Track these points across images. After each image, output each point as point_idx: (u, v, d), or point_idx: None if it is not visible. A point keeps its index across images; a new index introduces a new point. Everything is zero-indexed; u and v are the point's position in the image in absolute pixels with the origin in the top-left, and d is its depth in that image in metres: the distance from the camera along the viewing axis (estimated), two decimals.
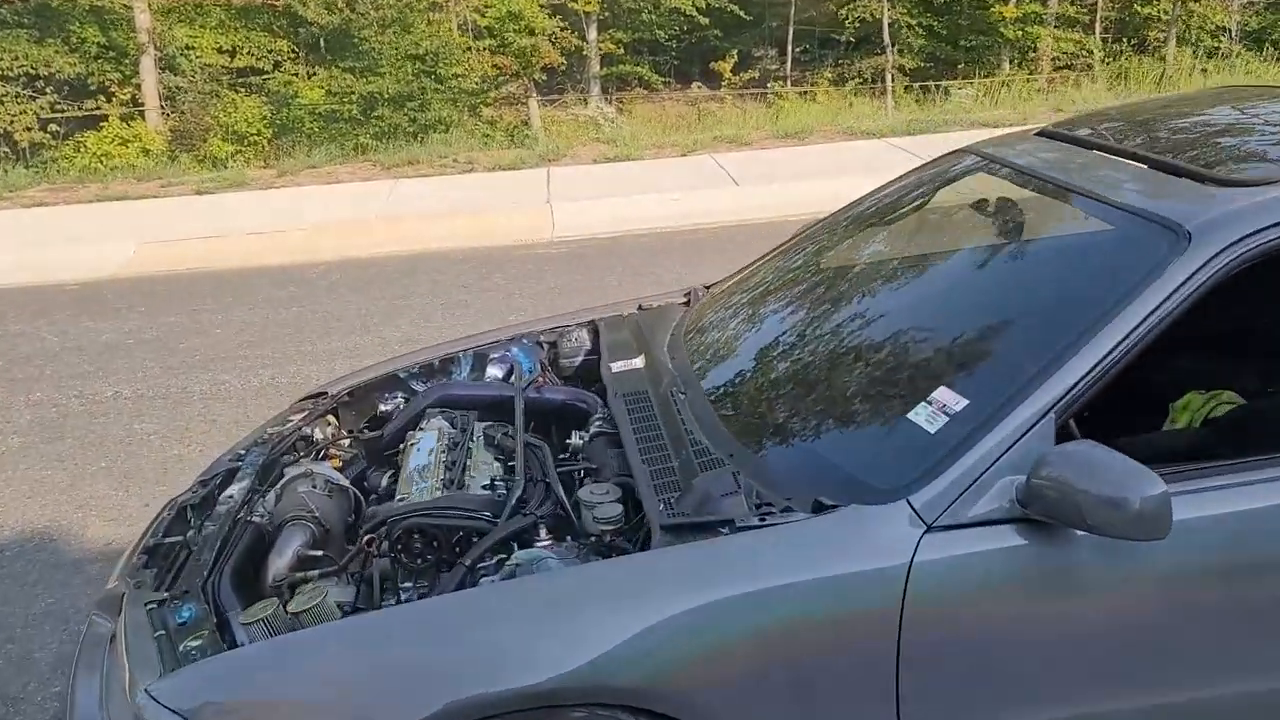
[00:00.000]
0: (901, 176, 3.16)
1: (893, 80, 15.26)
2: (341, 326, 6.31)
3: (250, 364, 5.78)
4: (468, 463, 2.45)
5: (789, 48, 18.22)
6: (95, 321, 6.76)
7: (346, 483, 2.59)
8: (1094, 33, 16.51)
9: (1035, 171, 2.51)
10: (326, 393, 3.10)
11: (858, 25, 15.80)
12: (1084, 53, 16.24)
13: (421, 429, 2.67)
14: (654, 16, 16.85)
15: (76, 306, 7.15)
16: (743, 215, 8.08)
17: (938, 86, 15.00)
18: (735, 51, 16.92)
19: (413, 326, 6.19)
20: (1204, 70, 14.21)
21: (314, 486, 2.49)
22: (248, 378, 5.58)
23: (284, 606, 2.01)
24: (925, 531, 1.81)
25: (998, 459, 1.83)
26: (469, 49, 13.73)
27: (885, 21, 15.22)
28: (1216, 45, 15.98)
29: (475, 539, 2.17)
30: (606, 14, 16.33)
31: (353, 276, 7.41)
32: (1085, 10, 16.70)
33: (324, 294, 7.04)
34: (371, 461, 2.82)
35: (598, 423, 2.61)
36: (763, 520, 1.88)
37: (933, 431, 1.93)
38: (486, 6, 13.70)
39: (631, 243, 7.73)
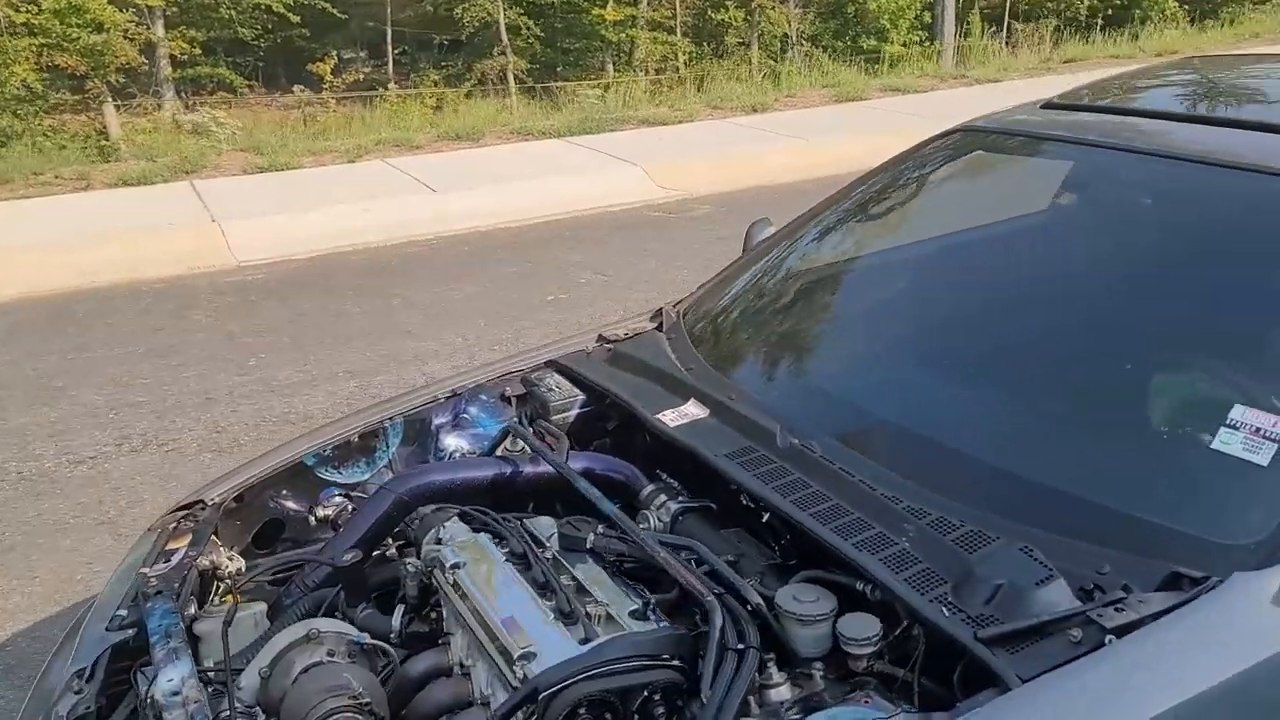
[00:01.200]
0: (903, 160, 2.77)
1: (515, 82, 14.97)
2: (11, 396, 4.70)
3: None
4: (564, 582, 1.67)
5: (388, 49, 17.30)
6: None
7: (369, 640, 1.74)
8: (677, 35, 17.40)
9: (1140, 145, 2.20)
10: (204, 501, 2.17)
11: (476, 26, 15.30)
12: (674, 55, 17.09)
13: (441, 542, 1.86)
14: (234, 13, 15.16)
15: None
16: (455, 224, 7.26)
17: (560, 88, 14.96)
18: (335, 53, 15.73)
19: (119, 387, 4.75)
20: (804, 71, 15.43)
21: (331, 655, 1.65)
22: None
23: None
24: None
25: None
26: (16, 48, 11.29)
27: (503, 22, 14.87)
28: (783, 48, 17.53)
29: (656, 696, 1.49)
30: (174, 9, 14.34)
31: None
32: (670, 15, 17.57)
33: None
34: (354, 593, 1.96)
35: (663, 497, 1.96)
36: (1120, 612, 1.38)
37: (1265, 464, 1.55)
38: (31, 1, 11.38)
39: (343, 262, 6.64)
